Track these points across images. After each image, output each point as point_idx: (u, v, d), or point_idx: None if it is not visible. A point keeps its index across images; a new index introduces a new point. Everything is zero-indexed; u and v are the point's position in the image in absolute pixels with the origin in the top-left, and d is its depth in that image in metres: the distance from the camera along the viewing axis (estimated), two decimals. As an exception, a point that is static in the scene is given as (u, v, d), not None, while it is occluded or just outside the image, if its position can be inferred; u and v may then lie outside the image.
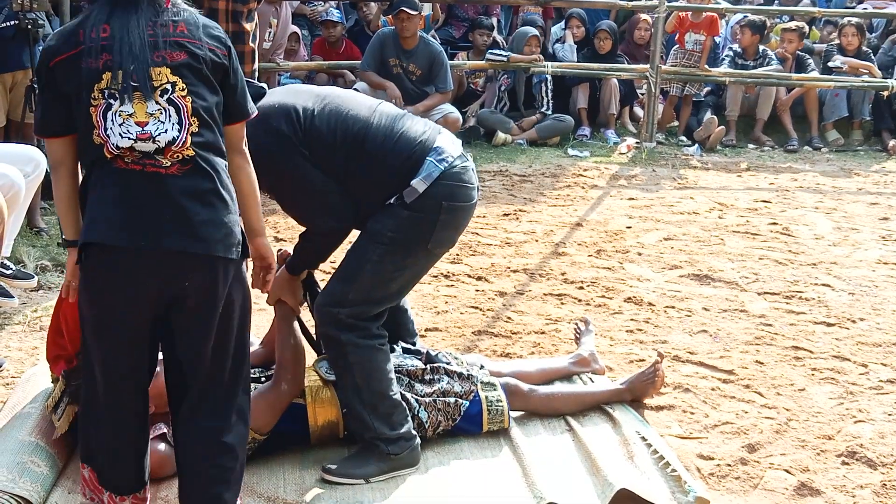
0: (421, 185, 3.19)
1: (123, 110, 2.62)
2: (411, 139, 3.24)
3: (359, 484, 3.24)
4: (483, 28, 9.64)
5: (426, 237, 3.25)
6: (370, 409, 3.29)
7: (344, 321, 3.25)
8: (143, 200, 2.63)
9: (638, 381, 3.86)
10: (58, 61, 2.67)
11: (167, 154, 2.64)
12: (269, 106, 3.22)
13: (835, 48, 10.00)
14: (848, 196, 7.73)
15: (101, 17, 2.67)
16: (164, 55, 2.67)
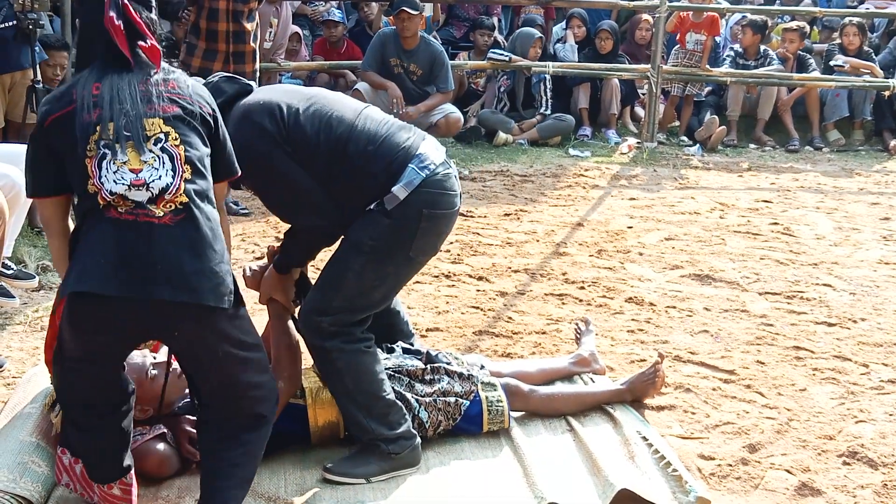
0: (402, 192, 3.17)
1: (118, 159, 2.66)
2: (394, 145, 3.22)
3: (359, 483, 3.24)
4: (484, 28, 9.65)
5: (407, 245, 3.22)
6: (365, 411, 3.29)
7: (327, 329, 3.24)
8: (136, 251, 2.64)
9: (638, 381, 3.86)
10: (52, 120, 2.73)
11: (160, 203, 2.67)
12: (254, 102, 3.22)
13: (836, 48, 10.00)
14: (849, 196, 7.73)
15: (93, 78, 2.74)
16: (157, 108, 2.74)
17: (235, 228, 6.28)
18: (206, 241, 2.71)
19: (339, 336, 3.25)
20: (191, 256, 2.67)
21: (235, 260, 5.57)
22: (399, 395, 3.46)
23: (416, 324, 4.66)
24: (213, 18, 6.41)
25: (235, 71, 6.48)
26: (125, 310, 2.65)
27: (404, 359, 3.65)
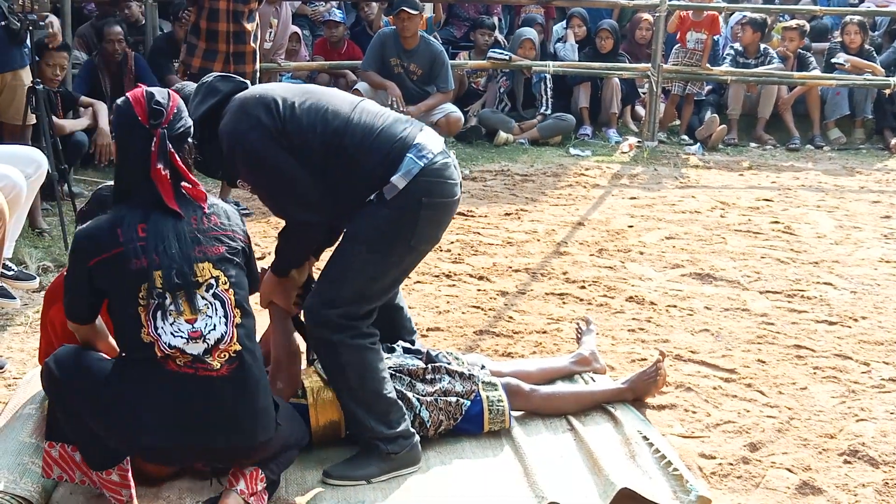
0: (401, 182, 3.17)
1: (172, 309, 2.75)
2: (391, 136, 3.22)
3: (360, 485, 3.24)
4: (484, 28, 9.65)
5: (408, 235, 3.22)
6: (365, 408, 3.29)
7: (334, 322, 3.23)
8: (197, 405, 2.79)
9: (640, 380, 3.86)
10: (97, 262, 2.78)
11: (215, 354, 2.80)
12: (250, 95, 3.23)
13: (838, 46, 9.99)
14: (850, 194, 7.73)
15: (138, 217, 2.79)
16: (205, 250, 2.85)
17: (236, 229, 6.28)
18: (256, 384, 2.89)
19: (347, 330, 3.25)
20: (244, 403, 2.85)
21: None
22: (400, 395, 3.46)
23: (417, 323, 4.65)
24: (213, 19, 6.41)
25: (236, 71, 6.48)
26: (182, 452, 2.86)
27: (405, 358, 3.65)
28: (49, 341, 3.37)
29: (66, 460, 3.00)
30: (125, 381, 2.80)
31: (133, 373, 2.80)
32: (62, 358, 2.90)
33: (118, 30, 7.82)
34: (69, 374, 2.86)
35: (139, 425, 2.77)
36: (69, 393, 2.86)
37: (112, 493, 2.96)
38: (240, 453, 2.92)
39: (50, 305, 3.39)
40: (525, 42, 9.40)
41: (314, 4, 10.37)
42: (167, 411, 2.77)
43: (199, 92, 3.27)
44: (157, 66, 8.20)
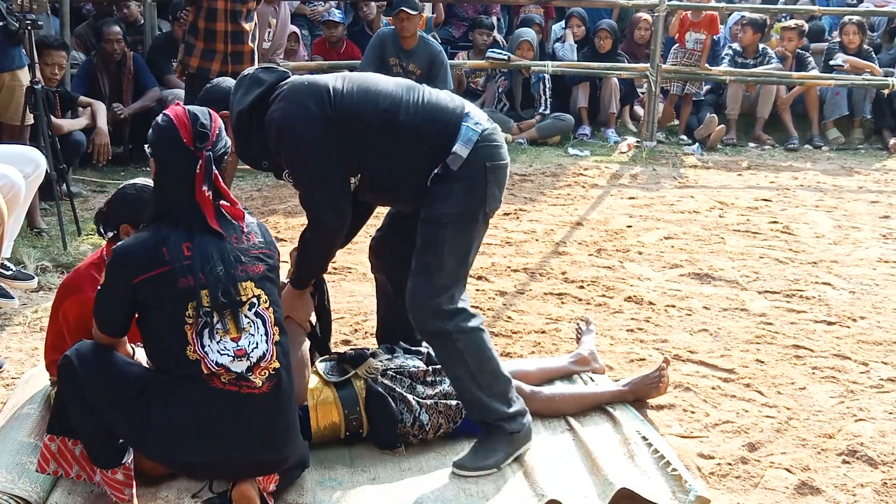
0: (463, 150, 3.23)
1: (219, 328, 2.80)
2: (442, 107, 3.29)
3: (492, 473, 3.28)
4: (483, 27, 9.64)
5: (482, 202, 3.32)
6: (487, 390, 3.33)
7: (445, 310, 3.27)
8: (239, 421, 2.85)
9: (642, 383, 3.85)
10: (144, 279, 2.81)
11: (257, 372, 2.88)
12: (299, 83, 3.26)
13: (836, 46, 9.99)
14: (849, 194, 7.73)
15: (182, 237, 2.83)
16: (247, 269, 2.91)
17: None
18: (290, 400, 3.00)
19: (458, 315, 3.30)
20: (280, 419, 2.94)
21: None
22: (400, 397, 3.46)
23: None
24: (211, 18, 6.40)
25: (234, 71, 6.47)
26: (219, 467, 2.91)
27: (406, 359, 3.65)
28: (59, 333, 3.37)
29: (65, 455, 3.01)
30: (167, 400, 2.82)
31: (177, 389, 2.83)
32: (86, 355, 2.89)
33: (117, 29, 7.82)
34: (94, 373, 2.86)
35: (182, 442, 2.81)
36: (91, 391, 2.85)
37: (115, 491, 2.98)
38: (267, 467, 2.98)
39: (64, 298, 3.40)
40: (523, 42, 9.40)
41: (313, 4, 10.37)
42: (211, 428, 2.82)
43: (243, 83, 3.30)
44: (156, 66, 8.20)
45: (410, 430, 3.46)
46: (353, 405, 3.46)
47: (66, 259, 5.51)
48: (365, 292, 5.07)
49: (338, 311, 4.77)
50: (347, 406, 3.46)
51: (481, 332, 3.36)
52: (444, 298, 3.27)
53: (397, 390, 3.48)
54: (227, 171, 6.78)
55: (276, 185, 7.53)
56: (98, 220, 3.47)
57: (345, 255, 5.67)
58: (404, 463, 3.41)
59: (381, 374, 3.53)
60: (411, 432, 3.47)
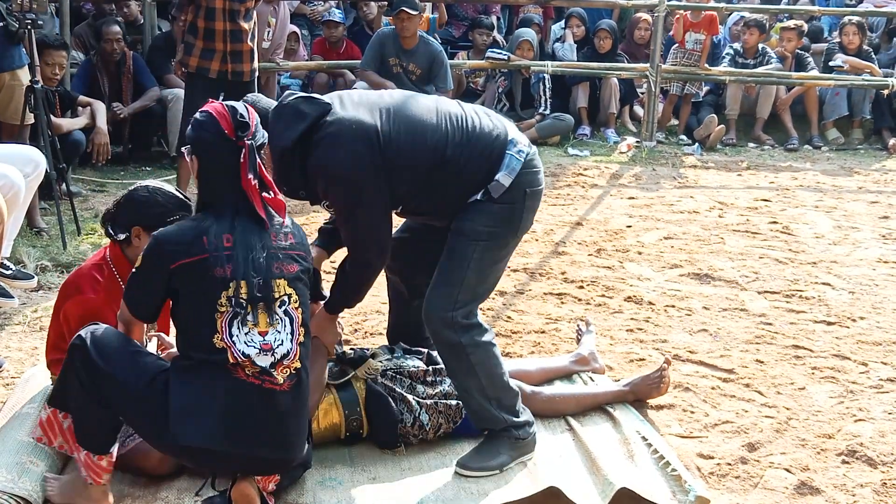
0: (506, 179, 3.26)
1: (249, 319, 2.85)
2: (487, 135, 3.30)
3: (494, 474, 3.28)
4: (483, 27, 9.64)
5: (516, 225, 3.36)
6: (496, 402, 3.36)
7: (460, 323, 3.29)
8: (255, 414, 2.85)
9: (643, 383, 3.85)
10: (181, 265, 2.84)
11: (279, 368, 2.88)
12: (347, 124, 3.18)
13: (836, 47, 10.00)
14: (848, 195, 7.73)
15: (224, 227, 2.85)
16: (282, 267, 2.93)
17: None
18: (306, 403, 3.02)
19: (472, 329, 3.32)
20: (295, 419, 2.94)
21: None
22: (400, 397, 3.47)
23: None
24: (210, 17, 6.40)
25: (233, 70, 6.48)
26: (227, 459, 2.88)
27: (405, 359, 3.65)
28: (60, 333, 3.37)
29: (52, 425, 3.04)
30: (189, 382, 2.83)
31: (200, 373, 2.84)
32: (100, 339, 2.90)
33: (116, 29, 7.82)
34: (106, 360, 2.86)
35: (195, 425, 2.80)
36: (102, 377, 2.86)
37: (93, 473, 2.98)
38: (275, 467, 2.99)
39: (65, 299, 3.40)
40: (523, 42, 9.40)
41: (313, 4, 10.37)
42: (228, 417, 2.82)
43: (283, 115, 3.21)
44: (155, 66, 8.19)
45: (411, 430, 3.47)
46: (354, 406, 3.47)
47: (65, 258, 5.51)
48: (365, 292, 5.07)
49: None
50: (348, 407, 3.46)
51: (493, 347, 3.38)
52: (461, 312, 3.30)
53: (397, 390, 3.49)
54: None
55: (275, 184, 7.52)
56: (106, 220, 3.46)
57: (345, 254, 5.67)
58: (404, 462, 3.41)
59: (380, 375, 3.53)
60: (411, 432, 3.47)
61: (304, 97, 3.26)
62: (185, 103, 6.72)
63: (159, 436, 2.86)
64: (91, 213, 6.54)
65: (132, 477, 3.23)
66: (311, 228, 6.22)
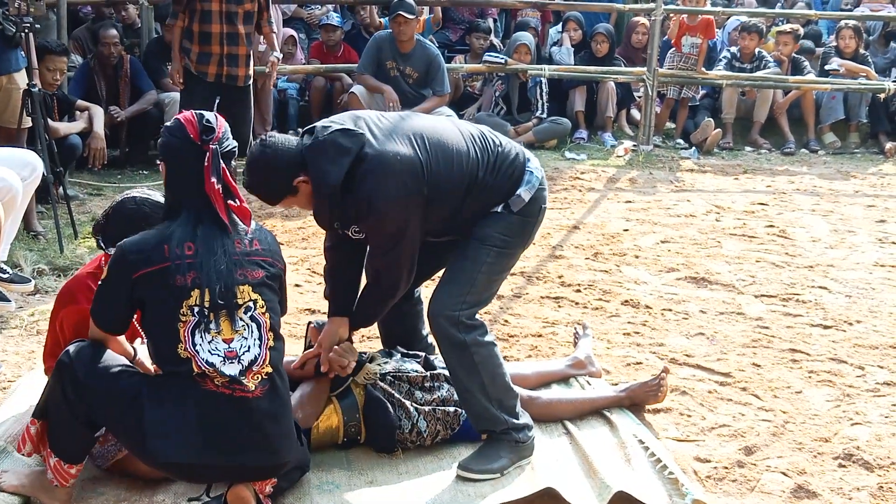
0: (527, 195, 3.39)
1: (212, 328, 2.83)
2: (508, 155, 3.43)
3: (495, 477, 3.29)
4: (480, 31, 9.65)
5: (527, 238, 3.49)
6: (497, 403, 3.39)
7: (465, 323, 3.34)
8: (229, 423, 2.85)
9: (641, 390, 3.85)
10: (142, 274, 2.84)
11: (249, 375, 2.87)
12: (392, 156, 3.16)
13: (832, 51, 10.01)
14: (845, 199, 7.74)
15: (186, 236, 2.86)
16: (246, 273, 2.93)
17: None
18: (285, 406, 2.99)
19: (475, 329, 3.37)
20: (275, 423, 2.93)
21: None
22: (398, 403, 3.47)
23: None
24: (205, 21, 6.39)
25: (228, 74, 6.47)
26: (210, 470, 2.90)
27: (404, 363, 3.65)
28: (56, 341, 3.37)
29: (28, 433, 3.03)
30: (161, 399, 2.83)
31: (170, 389, 2.85)
32: (88, 361, 2.90)
33: (113, 33, 7.82)
34: (93, 377, 2.87)
35: (175, 441, 2.81)
36: (89, 396, 2.87)
37: (60, 478, 2.99)
38: (264, 473, 2.98)
39: (62, 306, 3.40)
40: (521, 46, 9.40)
41: (310, 8, 10.37)
42: (202, 430, 2.83)
43: (325, 152, 3.14)
44: (151, 69, 8.20)
45: (408, 436, 3.47)
46: (353, 412, 3.46)
47: (62, 262, 5.50)
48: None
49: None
50: (347, 413, 3.46)
51: (495, 347, 3.43)
52: (466, 313, 3.35)
53: (396, 396, 3.48)
54: None
55: (272, 188, 7.52)
56: (96, 232, 3.46)
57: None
58: (401, 466, 3.41)
59: (379, 379, 3.53)
60: (409, 439, 3.47)
61: (339, 130, 3.18)
62: (182, 106, 6.72)
63: (139, 452, 2.88)
64: (88, 217, 6.53)
65: (128, 481, 3.23)
66: (308, 231, 6.21)
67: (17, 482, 3.07)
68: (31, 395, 3.63)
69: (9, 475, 3.09)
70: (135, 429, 2.83)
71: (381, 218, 3.16)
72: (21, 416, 3.45)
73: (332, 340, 3.45)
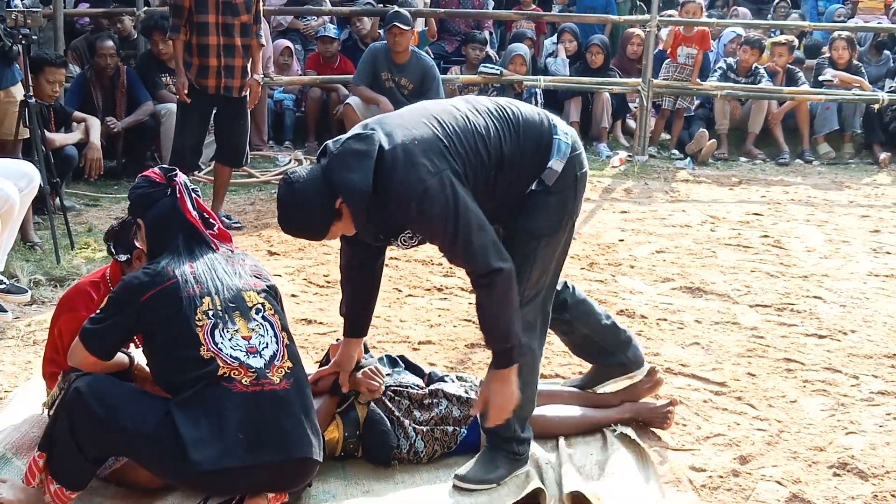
0: (559, 165, 3.20)
1: (229, 327, 2.92)
2: (533, 123, 3.22)
3: (492, 488, 3.29)
4: (476, 42, 9.69)
5: (571, 211, 3.31)
6: (517, 410, 3.22)
7: (527, 321, 3.20)
8: (269, 419, 2.87)
9: (648, 412, 3.80)
10: (151, 295, 2.91)
11: (273, 369, 2.93)
12: (409, 144, 2.99)
13: (826, 62, 10.06)
14: (839, 209, 7.77)
15: (185, 259, 3.01)
16: (248, 282, 3.05)
17: (228, 242, 6.28)
18: (309, 401, 3.02)
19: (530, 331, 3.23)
20: (306, 415, 2.96)
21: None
22: (398, 421, 3.46)
23: (407, 337, 4.68)
24: (202, 33, 6.40)
25: (225, 85, 6.48)
26: (254, 471, 2.86)
27: (406, 376, 3.65)
28: (55, 347, 3.38)
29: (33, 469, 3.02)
30: (192, 411, 2.83)
31: (201, 402, 2.84)
32: (102, 393, 2.87)
33: (110, 44, 7.84)
34: (113, 411, 2.85)
35: (217, 449, 2.79)
36: (111, 430, 2.85)
37: (59, 501, 2.99)
38: (307, 468, 2.98)
39: (60, 313, 3.40)
40: (516, 57, 9.44)
41: (306, 19, 10.40)
42: (244, 431, 2.82)
43: (344, 162, 3.00)
44: (146, 81, 8.21)
45: (406, 456, 3.46)
46: (354, 429, 3.45)
47: (59, 273, 5.50)
48: (358, 306, 5.08)
49: (331, 325, 4.78)
50: (348, 428, 3.44)
51: (538, 359, 3.40)
52: (527, 310, 3.21)
53: (395, 414, 3.48)
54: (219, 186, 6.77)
55: (269, 198, 7.54)
56: (109, 238, 3.46)
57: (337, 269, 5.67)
58: (398, 476, 3.42)
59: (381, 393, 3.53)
60: (407, 458, 3.47)
61: (350, 138, 3.07)
62: (179, 117, 6.74)
63: (180, 470, 2.83)
64: (84, 228, 6.54)
65: (125, 491, 3.23)
66: (304, 242, 6.22)
67: (14, 497, 3.04)
68: (27, 404, 3.65)
69: (7, 488, 3.06)
70: (171, 447, 2.80)
71: (423, 204, 2.94)
72: (19, 425, 3.45)
73: (348, 362, 3.44)
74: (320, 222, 3.03)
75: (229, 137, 6.71)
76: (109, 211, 7.10)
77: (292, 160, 8.66)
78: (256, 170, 8.40)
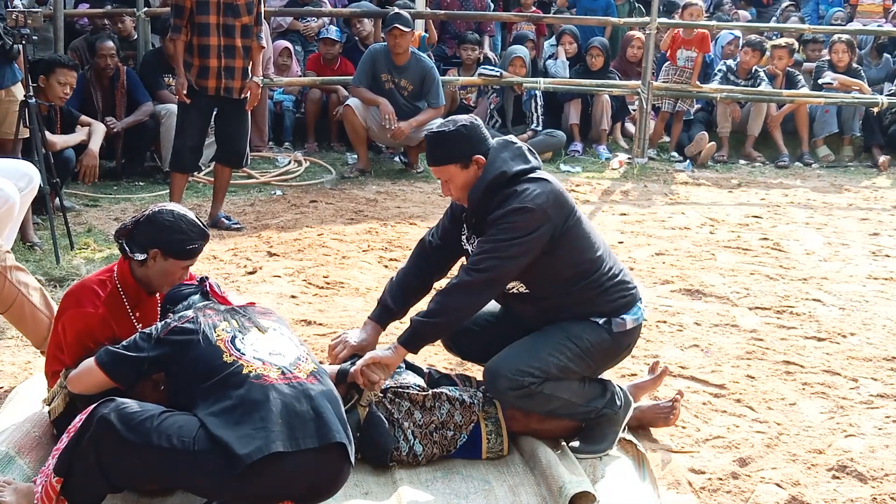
0: (630, 324, 3.58)
1: (248, 334, 3.08)
2: (627, 283, 3.63)
3: (604, 455, 3.53)
4: (467, 43, 9.69)
5: (609, 362, 3.69)
6: (583, 400, 3.57)
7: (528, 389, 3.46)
8: (304, 406, 2.93)
9: (651, 411, 3.82)
10: (171, 331, 3.06)
11: (299, 368, 3.05)
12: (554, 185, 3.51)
13: (825, 65, 10.07)
14: (838, 211, 7.77)
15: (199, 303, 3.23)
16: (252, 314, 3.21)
17: (227, 243, 6.29)
18: (338, 400, 3.08)
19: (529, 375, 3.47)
20: (338, 406, 3.05)
21: (227, 275, 5.59)
22: (397, 423, 3.46)
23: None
24: (203, 34, 6.40)
25: (225, 87, 6.48)
26: (300, 460, 2.86)
27: (407, 376, 3.65)
28: (58, 344, 3.37)
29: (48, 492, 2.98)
30: (225, 410, 2.87)
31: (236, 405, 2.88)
32: (130, 418, 2.86)
33: (110, 44, 7.85)
34: (148, 436, 2.84)
35: (262, 437, 2.81)
36: (144, 453, 2.84)
37: None
38: (341, 468, 3.00)
39: (65, 310, 3.40)
40: (516, 59, 9.44)
41: (306, 20, 10.41)
42: (283, 418, 2.86)
43: (510, 149, 3.57)
44: (147, 81, 8.21)
45: (405, 458, 3.46)
46: (354, 430, 3.45)
47: (58, 273, 5.50)
48: (357, 307, 5.09)
49: (330, 326, 4.79)
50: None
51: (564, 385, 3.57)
52: (529, 380, 3.44)
53: (395, 416, 3.48)
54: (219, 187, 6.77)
55: (268, 199, 7.55)
56: (120, 236, 3.41)
57: (337, 270, 5.69)
58: (396, 475, 3.42)
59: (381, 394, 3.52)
60: (405, 460, 3.47)
61: (505, 141, 3.62)
62: (179, 118, 6.74)
63: (225, 475, 2.81)
64: (84, 228, 6.54)
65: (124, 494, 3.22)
66: (304, 243, 6.21)
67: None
68: (28, 403, 3.65)
69: (10, 494, 3.03)
70: (214, 454, 2.80)
71: (521, 209, 3.36)
72: (21, 424, 3.44)
73: (368, 345, 3.62)
74: (454, 153, 3.50)
75: (229, 138, 6.71)
76: (109, 211, 7.10)
77: (292, 161, 8.67)
78: (256, 171, 8.41)
